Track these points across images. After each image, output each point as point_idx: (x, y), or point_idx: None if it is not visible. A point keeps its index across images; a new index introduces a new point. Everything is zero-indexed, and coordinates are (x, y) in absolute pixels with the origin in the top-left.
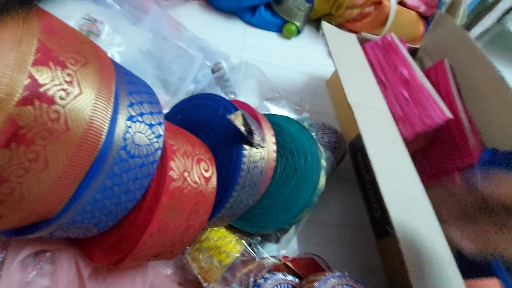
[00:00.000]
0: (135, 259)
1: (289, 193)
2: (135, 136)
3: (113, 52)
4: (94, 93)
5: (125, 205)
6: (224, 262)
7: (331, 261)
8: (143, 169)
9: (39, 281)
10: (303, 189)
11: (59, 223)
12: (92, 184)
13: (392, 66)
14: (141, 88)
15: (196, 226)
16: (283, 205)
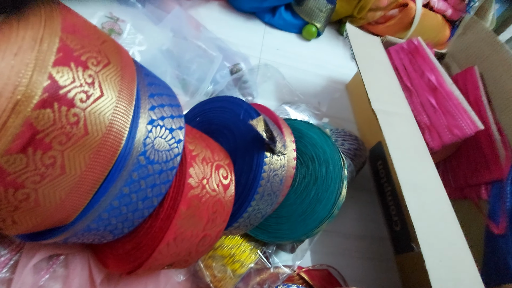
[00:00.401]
0: (150, 268)
1: (309, 203)
2: (155, 141)
3: (134, 51)
4: (115, 95)
5: (141, 212)
6: (238, 271)
7: (346, 273)
8: (162, 175)
9: (51, 285)
10: (323, 200)
11: (74, 229)
12: (110, 190)
13: (419, 72)
14: (163, 90)
15: (212, 235)
16: (302, 215)
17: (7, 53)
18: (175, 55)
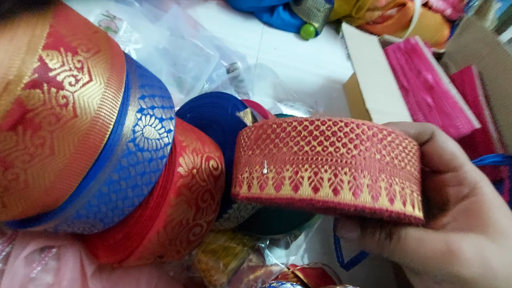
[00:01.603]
0: (140, 257)
1: None
2: (145, 129)
3: (130, 49)
4: (104, 81)
5: (131, 201)
6: (230, 265)
7: (341, 272)
8: (152, 163)
9: (43, 277)
10: None
11: (63, 216)
12: (99, 176)
13: (415, 71)
14: (154, 82)
15: (203, 225)
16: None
17: (3, 40)
18: (171, 53)
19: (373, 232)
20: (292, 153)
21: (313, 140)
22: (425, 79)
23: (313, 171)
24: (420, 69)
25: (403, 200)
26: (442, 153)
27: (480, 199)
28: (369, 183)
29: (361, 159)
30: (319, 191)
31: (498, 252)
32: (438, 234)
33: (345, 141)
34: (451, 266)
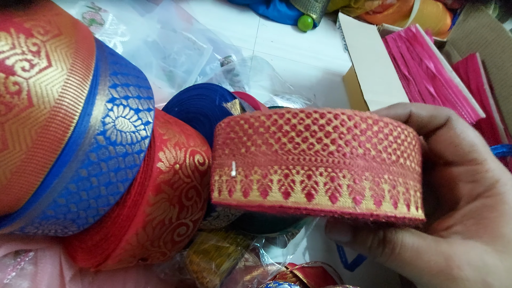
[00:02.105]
0: (120, 260)
1: None
2: (117, 121)
3: (116, 41)
4: (67, 68)
5: (106, 200)
6: (223, 266)
7: (342, 271)
8: (127, 159)
9: (18, 283)
10: None
11: (28, 217)
12: (64, 172)
13: (417, 60)
14: (130, 70)
15: (189, 225)
16: None
17: None
18: (162, 47)
19: (365, 238)
20: (261, 152)
21: (283, 137)
22: (427, 68)
23: (284, 173)
24: (422, 57)
25: (394, 200)
26: (460, 143)
27: (496, 202)
28: (350, 183)
29: (339, 156)
30: (290, 196)
31: (502, 272)
32: (437, 244)
33: (320, 135)
34: (448, 283)
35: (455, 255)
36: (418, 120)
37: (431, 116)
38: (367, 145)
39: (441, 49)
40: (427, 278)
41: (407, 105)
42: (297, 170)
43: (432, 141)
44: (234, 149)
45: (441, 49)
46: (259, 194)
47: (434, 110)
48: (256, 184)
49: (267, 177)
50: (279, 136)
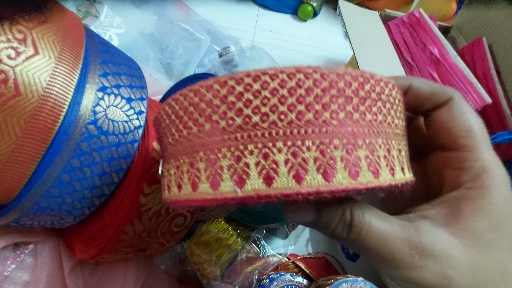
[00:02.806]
0: (117, 251)
1: None
2: (108, 110)
3: (111, 33)
4: (54, 56)
5: (101, 190)
6: (224, 257)
7: (345, 261)
8: (121, 148)
9: (19, 275)
10: None
11: (22, 208)
12: (55, 162)
13: (420, 46)
14: (121, 59)
15: (187, 215)
16: None
17: None
18: (158, 38)
19: (330, 219)
20: (210, 132)
21: (245, 108)
22: (431, 53)
23: (235, 155)
24: (425, 42)
25: (391, 167)
26: (455, 126)
27: (477, 195)
28: (317, 156)
29: (320, 124)
30: (245, 184)
31: (466, 268)
32: (403, 229)
33: (291, 101)
34: (407, 271)
35: (420, 243)
36: (417, 95)
37: (433, 92)
38: (347, 108)
39: (446, 35)
40: (388, 264)
41: (409, 78)
42: (250, 150)
43: (428, 121)
44: (182, 131)
45: (446, 34)
46: (209, 186)
47: (437, 88)
48: (204, 173)
49: (216, 163)
50: (239, 107)
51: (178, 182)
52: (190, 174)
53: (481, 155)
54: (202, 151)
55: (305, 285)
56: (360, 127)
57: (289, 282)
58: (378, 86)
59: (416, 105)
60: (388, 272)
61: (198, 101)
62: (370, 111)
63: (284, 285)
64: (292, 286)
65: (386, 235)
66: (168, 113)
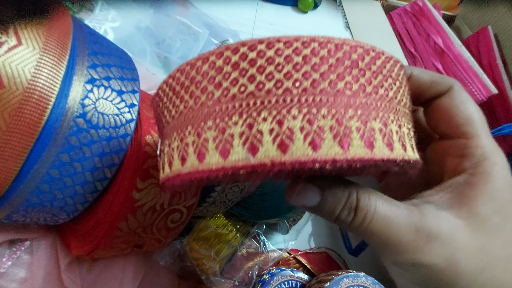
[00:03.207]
0: (111, 247)
1: None
2: (98, 103)
3: (106, 27)
4: (39, 46)
5: (93, 186)
6: (223, 253)
7: (347, 256)
8: (112, 143)
9: (15, 272)
10: None
11: (11, 204)
12: (44, 157)
13: (424, 35)
14: (111, 51)
15: (183, 211)
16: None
17: None
18: (155, 32)
19: (336, 203)
20: (213, 101)
21: (241, 77)
22: (435, 43)
23: (247, 122)
24: (429, 32)
25: (388, 142)
26: (456, 114)
27: (479, 180)
28: (333, 124)
29: (319, 92)
30: (258, 151)
31: (472, 252)
32: (409, 213)
33: (288, 69)
34: (413, 255)
35: (426, 227)
36: (418, 85)
37: (433, 82)
38: (361, 80)
39: (450, 24)
40: (394, 249)
41: (409, 68)
42: (263, 117)
43: (429, 111)
44: (181, 104)
45: (450, 24)
46: (218, 155)
47: (437, 77)
48: (213, 143)
49: (226, 131)
50: (252, 73)
51: (182, 155)
52: (196, 145)
53: (482, 142)
54: (211, 120)
55: (306, 280)
56: (374, 101)
57: (290, 277)
58: (389, 64)
59: (417, 95)
60: (394, 258)
61: (207, 69)
62: (382, 86)
63: (285, 280)
64: (293, 282)
65: (392, 219)
66: (172, 85)
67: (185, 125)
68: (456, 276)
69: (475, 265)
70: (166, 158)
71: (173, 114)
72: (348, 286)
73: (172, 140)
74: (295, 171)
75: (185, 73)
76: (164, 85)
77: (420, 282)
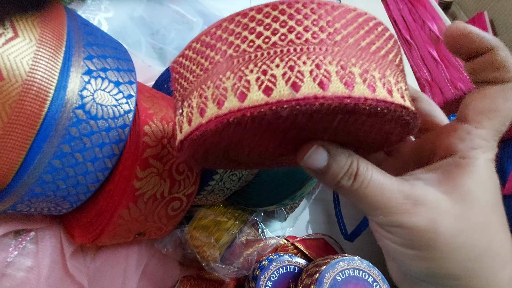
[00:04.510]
0: (114, 235)
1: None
2: (96, 94)
3: (100, 18)
4: (35, 38)
5: (95, 176)
6: (223, 240)
7: (343, 242)
8: (111, 133)
9: (22, 261)
10: None
11: (15, 194)
12: (45, 147)
13: (419, 22)
14: (106, 42)
15: (183, 199)
16: (283, 178)
17: None
18: (149, 22)
19: (338, 168)
20: (228, 57)
21: (250, 34)
22: (430, 30)
23: (261, 70)
24: (425, 19)
25: (388, 88)
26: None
27: (467, 163)
28: (338, 69)
29: (319, 43)
30: (272, 92)
31: (452, 217)
32: (400, 183)
33: (291, 24)
34: (398, 217)
35: (413, 194)
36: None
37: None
38: (360, 32)
39: (446, 11)
40: (382, 211)
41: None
42: (276, 63)
43: (473, 94)
44: (198, 68)
45: (446, 10)
46: (237, 99)
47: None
48: (231, 90)
49: (242, 79)
50: (245, 34)
51: (218, 99)
52: (236, 87)
53: (486, 135)
54: (252, 64)
55: (303, 265)
56: (372, 55)
57: (288, 263)
58: (380, 27)
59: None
60: (382, 219)
61: (208, 40)
62: (377, 42)
63: (283, 265)
64: (291, 266)
65: (384, 186)
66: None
67: (217, 76)
68: (435, 236)
69: (454, 228)
70: (185, 116)
71: (208, 65)
72: (344, 269)
73: (198, 94)
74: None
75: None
76: (180, 58)
77: (402, 243)
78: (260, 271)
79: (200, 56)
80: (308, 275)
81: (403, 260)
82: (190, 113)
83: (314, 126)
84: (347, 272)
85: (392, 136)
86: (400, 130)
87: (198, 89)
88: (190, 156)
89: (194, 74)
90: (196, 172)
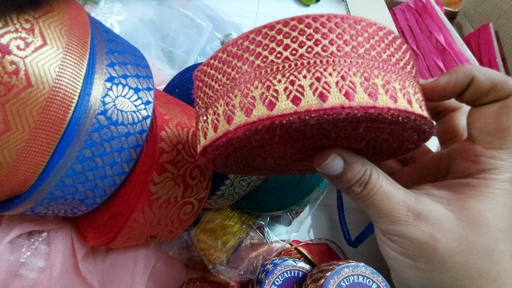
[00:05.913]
0: (128, 238)
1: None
2: (117, 101)
3: (112, 21)
4: (62, 46)
5: (112, 179)
6: (229, 244)
7: (346, 247)
8: (130, 139)
9: (34, 262)
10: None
11: (36, 197)
12: (68, 152)
13: (426, 33)
14: (126, 48)
15: (195, 203)
16: (291, 184)
17: None
18: (159, 25)
19: (353, 175)
20: (255, 67)
21: (277, 46)
22: (436, 41)
23: (289, 80)
24: (431, 29)
25: (408, 99)
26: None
27: (480, 184)
28: (362, 81)
29: (344, 55)
30: (301, 101)
31: (454, 236)
32: (406, 195)
33: (317, 37)
34: (399, 227)
35: (417, 209)
36: (477, 89)
37: (494, 88)
38: (366, 45)
39: (452, 20)
40: (386, 219)
41: (468, 70)
42: (303, 74)
43: (475, 111)
44: (223, 78)
45: (452, 20)
46: (265, 108)
47: (500, 79)
48: (260, 99)
49: (270, 88)
50: (272, 46)
51: (246, 108)
52: (264, 96)
53: (500, 155)
54: (280, 74)
55: (307, 270)
56: (392, 67)
57: (292, 267)
58: (398, 40)
59: (472, 99)
60: (384, 226)
61: (235, 51)
62: (396, 54)
63: (287, 270)
64: (295, 271)
65: (391, 196)
66: (223, 58)
67: (244, 85)
68: (433, 251)
69: (453, 246)
70: (210, 123)
71: (235, 73)
72: (349, 275)
73: (225, 102)
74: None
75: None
76: (205, 67)
77: (401, 252)
78: (264, 275)
79: (227, 66)
80: (312, 280)
81: (400, 269)
82: (216, 120)
83: (336, 134)
84: (352, 278)
85: (407, 143)
86: (417, 138)
87: (225, 97)
88: (211, 161)
89: (220, 83)
90: (208, 177)
